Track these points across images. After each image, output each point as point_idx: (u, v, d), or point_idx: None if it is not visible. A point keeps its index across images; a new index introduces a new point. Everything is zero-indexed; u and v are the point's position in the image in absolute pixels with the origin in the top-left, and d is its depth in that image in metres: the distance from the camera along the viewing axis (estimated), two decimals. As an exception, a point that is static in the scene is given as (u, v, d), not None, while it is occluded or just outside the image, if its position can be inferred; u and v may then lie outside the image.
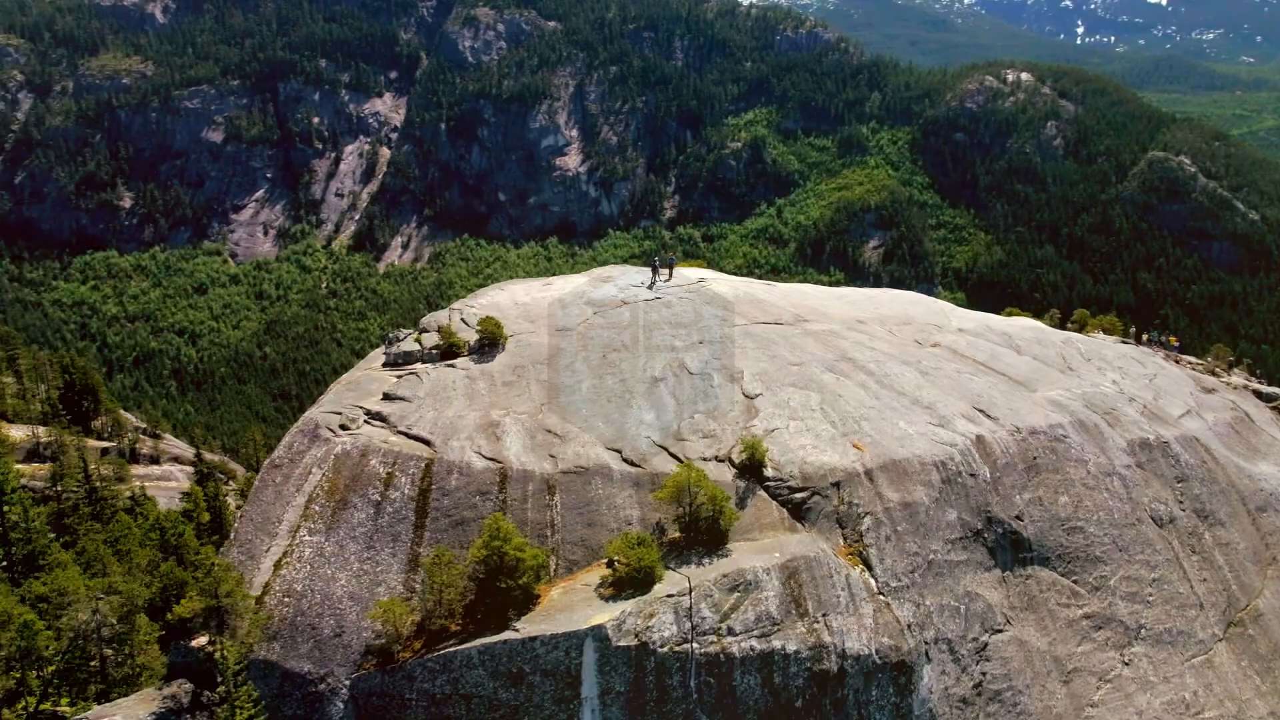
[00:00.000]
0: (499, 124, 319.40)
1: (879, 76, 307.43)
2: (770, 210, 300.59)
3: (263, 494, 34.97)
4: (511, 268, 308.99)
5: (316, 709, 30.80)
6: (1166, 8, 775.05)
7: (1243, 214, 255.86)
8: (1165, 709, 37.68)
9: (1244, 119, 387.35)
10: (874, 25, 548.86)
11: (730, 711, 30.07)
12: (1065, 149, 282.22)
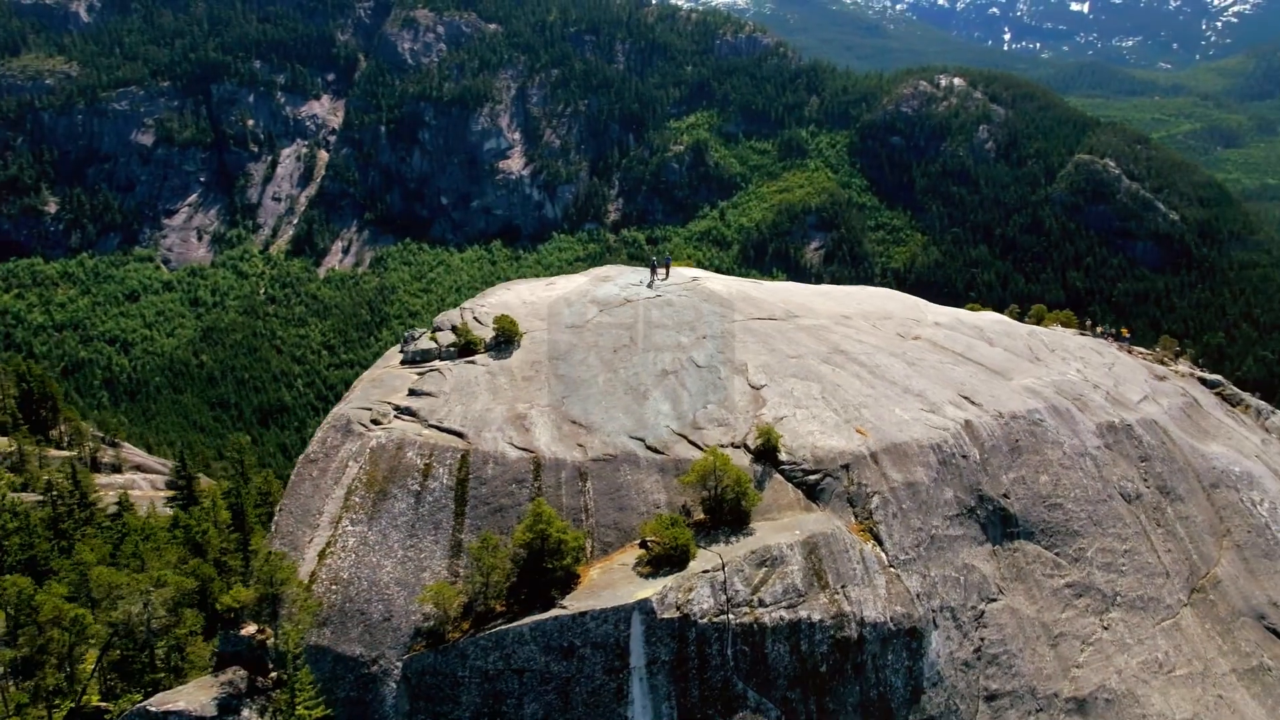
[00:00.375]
0: (440, 127, 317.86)
1: (817, 81, 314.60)
2: (713, 213, 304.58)
3: (300, 487, 36.28)
4: (455, 272, 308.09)
5: (370, 690, 32.34)
6: (1088, 16, 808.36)
7: (1164, 214, 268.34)
8: (1141, 668, 41.25)
9: (1163, 123, 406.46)
10: (809, 30, 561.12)
11: (763, 678, 32.53)
12: (997, 152, 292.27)
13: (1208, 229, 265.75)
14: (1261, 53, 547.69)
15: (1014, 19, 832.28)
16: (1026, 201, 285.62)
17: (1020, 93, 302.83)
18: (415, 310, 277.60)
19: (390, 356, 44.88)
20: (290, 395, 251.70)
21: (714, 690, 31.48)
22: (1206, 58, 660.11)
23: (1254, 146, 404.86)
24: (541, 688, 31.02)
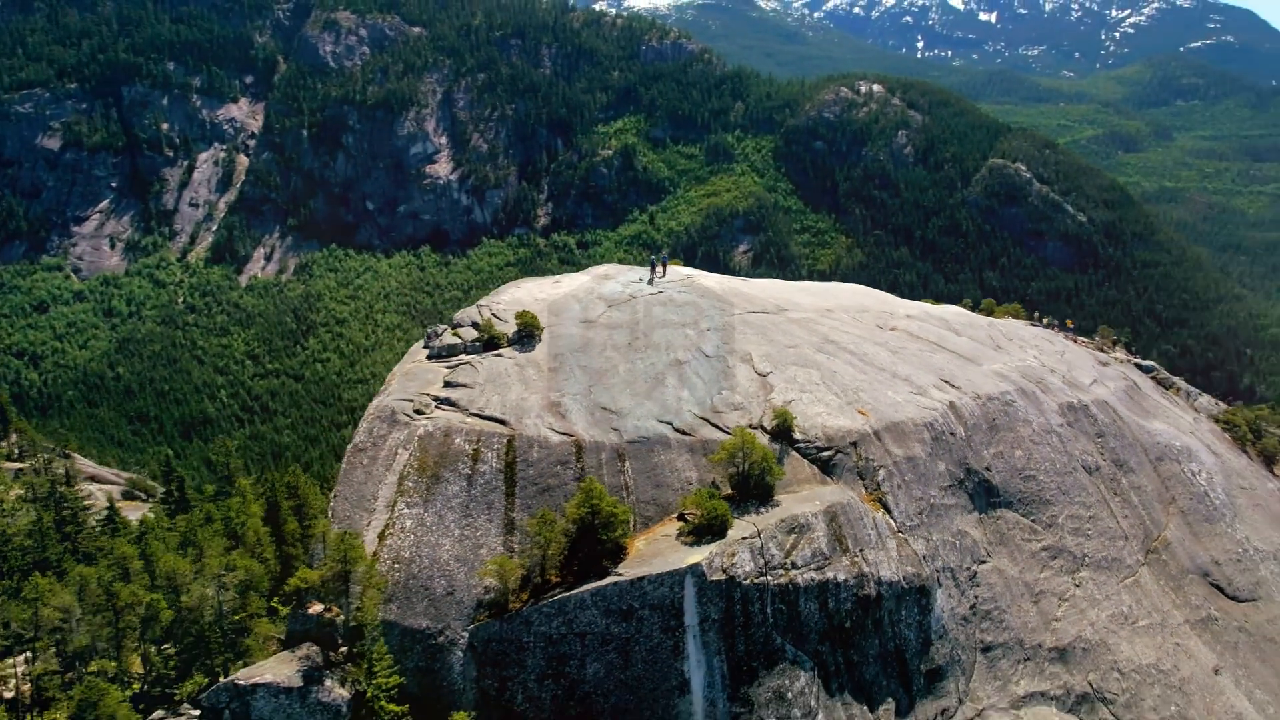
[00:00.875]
0: (365, 131, 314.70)
1: (742, 87, 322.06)
2: (643, 217, 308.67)
3: (352, 475, 38.40)
4: (383, 278, 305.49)
5: (438, 659, 34.79)
6: (996, 25, 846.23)
7: (1072, 216, 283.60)
8: (1110, 621, 46.29)
9: (1068, 129, 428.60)
10: (730, 36, 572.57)
11: (797, 633, 36.13)
12: (915, 156, 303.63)
13: (1112, 230, 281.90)
14: (1156, 63, 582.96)
15: (927, 27, 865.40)
16: (944, 204, 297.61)
17: (936, 99, 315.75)
18: (343, 318, 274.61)
19: (415, 352, 47.08)
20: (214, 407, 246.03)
21: (757, 645, 34.94)
22: (1106, 67, 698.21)
23: (1152, 151, 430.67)
24: (603, 649, 34.00)
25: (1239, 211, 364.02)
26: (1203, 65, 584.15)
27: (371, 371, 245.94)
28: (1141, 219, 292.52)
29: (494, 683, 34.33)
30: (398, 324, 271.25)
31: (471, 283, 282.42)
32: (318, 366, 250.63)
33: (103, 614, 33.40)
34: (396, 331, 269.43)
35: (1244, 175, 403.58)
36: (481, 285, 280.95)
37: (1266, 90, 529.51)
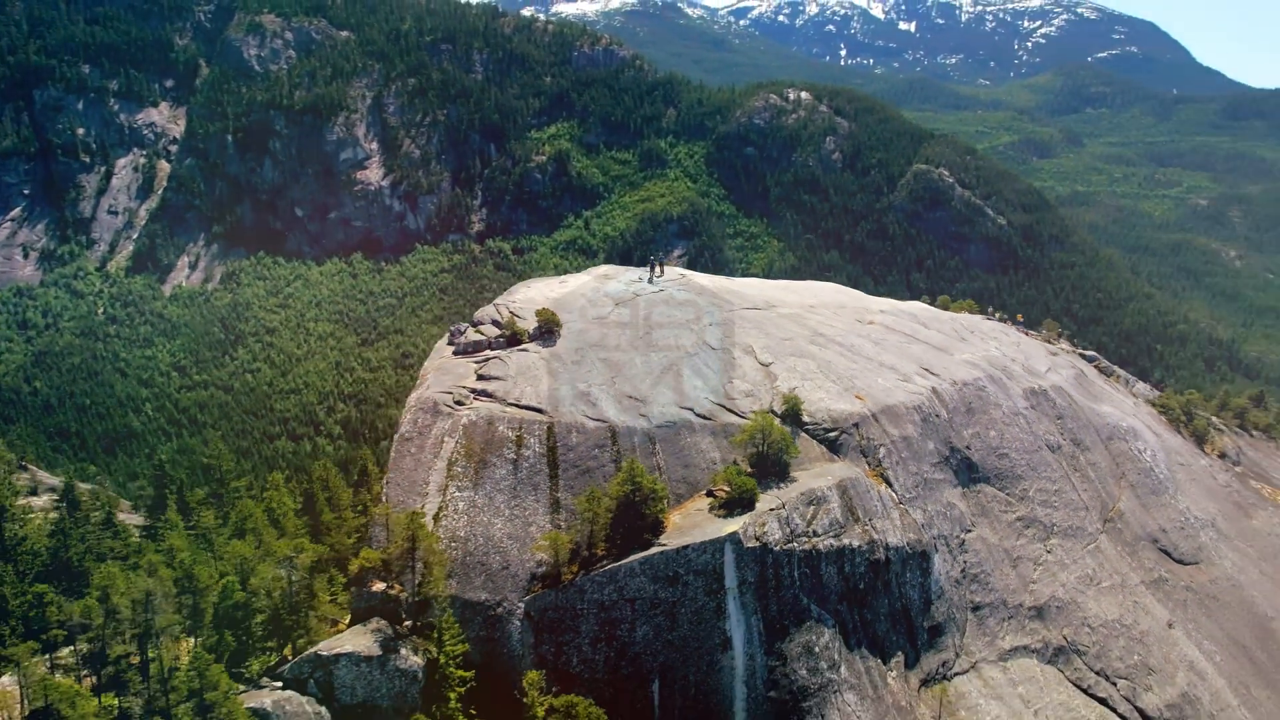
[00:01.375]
0: (292, 136, 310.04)
1: (673, 93, 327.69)
2: (578, 222, 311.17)
3: (402, 463, 41.16)
4: (314, 286, 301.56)
5: (497, 628, 37.90)
6: (915, 35, 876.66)
7: (993, 219, 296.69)
8: (1078, 582, 51.75)
9: (985, 135, 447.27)
10: (658, 43, 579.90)
11: (819, 594, 40.30)
12: (843, 162, 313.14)
13: (1030, 232, 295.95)
14: (1067, 71, 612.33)
15: (849, 36, 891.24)
16: (872, 208, 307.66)
17: (861, 106, 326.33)
18: (273, 327, 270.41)
19: (441, 349, 49.93)
20: (139, 421, 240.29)
21: (787, 605, 39.00)
22: (1020, 75, 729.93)
23: (1064, 157, 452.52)
24: (651, 612, 37.60)
25: (1146, 214, 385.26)
26: (1109, 74, 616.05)
27: (304, 381, 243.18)
28: (1057, 222, 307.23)
29: (551, 648, 37.63)
30: (330, 332, 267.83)
31: (405, 290, 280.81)
32: (248, 377, 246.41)
33: (184, 595, 35.44)
34: (329, 340, 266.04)
35: (1150, 180, 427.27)
36: (416, 292, 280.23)
37: (1169, 99, 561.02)
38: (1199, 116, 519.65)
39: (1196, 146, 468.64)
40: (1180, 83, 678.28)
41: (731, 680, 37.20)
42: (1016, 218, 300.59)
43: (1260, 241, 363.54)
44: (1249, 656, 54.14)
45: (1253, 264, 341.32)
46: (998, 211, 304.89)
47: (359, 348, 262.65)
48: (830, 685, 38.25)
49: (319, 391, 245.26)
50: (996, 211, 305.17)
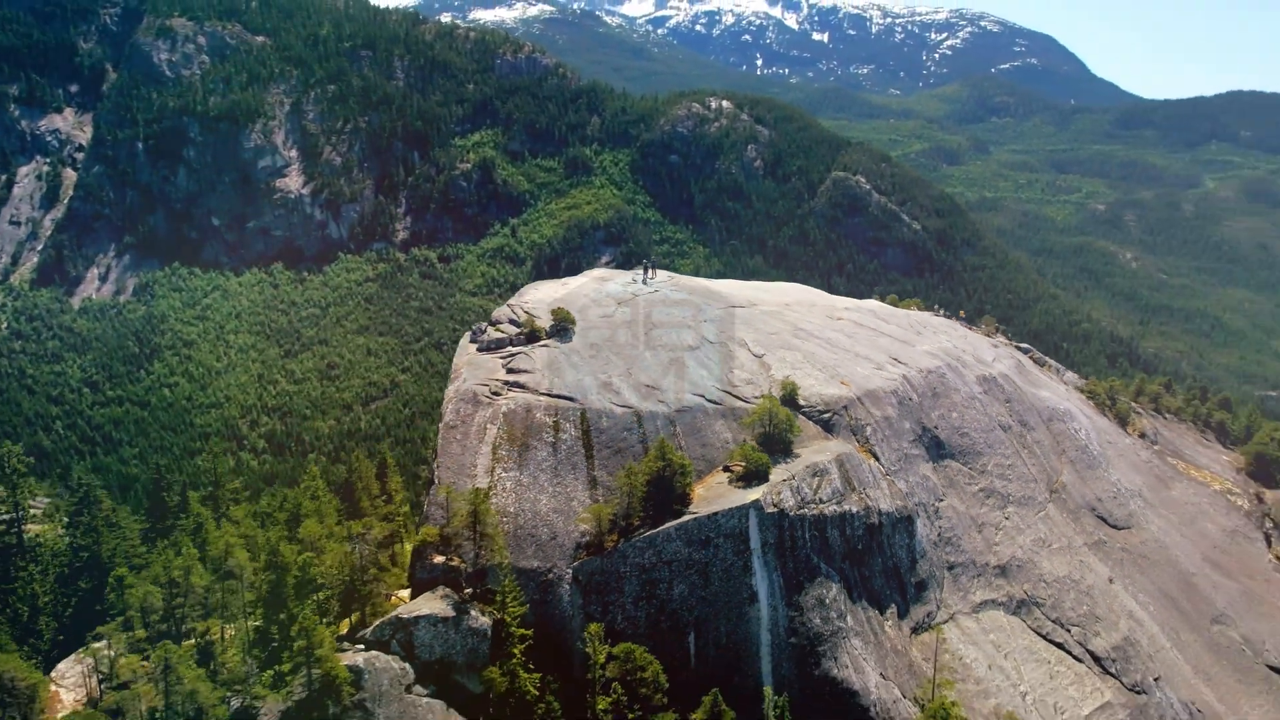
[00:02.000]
0: (207, 143, 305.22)
1: (597, 101, 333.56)
2: (505, 230, 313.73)
3: (449, 448, 45.69)
4: (233, 297, 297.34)
5: (549, 592, 42.81)
6: (829, 45, 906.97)
7: (908, 225, 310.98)
8: (1033, 544, 59.17)
9: (898, 143, 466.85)
10: (578, 51, 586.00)
11: (826, 554, 46.39)
12: (765, 169, 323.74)
13: (944, 237, 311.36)
14: (972, 82, 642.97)
15: (765, 46, 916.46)
16: (793, 215, 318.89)
17: (781, 115, 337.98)
18: (191, 340, 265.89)
19: (465, 347, 54.49)
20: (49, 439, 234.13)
21: (800, 563, 44.95)
22: (928, 85, 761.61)
23: (972, 164, 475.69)
24: (686, 572, 43.09)
25: (1049, 219, 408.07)
26: (1012, 85, 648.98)
27: (225, 395, 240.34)
28: (968, 227, 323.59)
29: (598, 607, 42.72)
30: (252, 344, 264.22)
31: (329, 300, 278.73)
32: (165, 392, 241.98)
33: (269, 572, 39.20)
34: (251, 352, 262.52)
35: (1051, 186, 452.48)
36: (340, 302, 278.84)
37: (1067, 109, 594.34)
38: (1095, 126, 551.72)
39: (1094, 154, 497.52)
40: (1077, 93, 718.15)
41: (758, 629, 42.90)
42: (930, 223, 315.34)
43: (1153, 244, 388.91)
44: (1176, 606, 62.43)
45: (1147, 265, 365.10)
46: (913, 217, 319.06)
47: (282, 359, 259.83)
48: (840, 632, 44.31)
49: (241, 405, 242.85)
50: (911, 217, 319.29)
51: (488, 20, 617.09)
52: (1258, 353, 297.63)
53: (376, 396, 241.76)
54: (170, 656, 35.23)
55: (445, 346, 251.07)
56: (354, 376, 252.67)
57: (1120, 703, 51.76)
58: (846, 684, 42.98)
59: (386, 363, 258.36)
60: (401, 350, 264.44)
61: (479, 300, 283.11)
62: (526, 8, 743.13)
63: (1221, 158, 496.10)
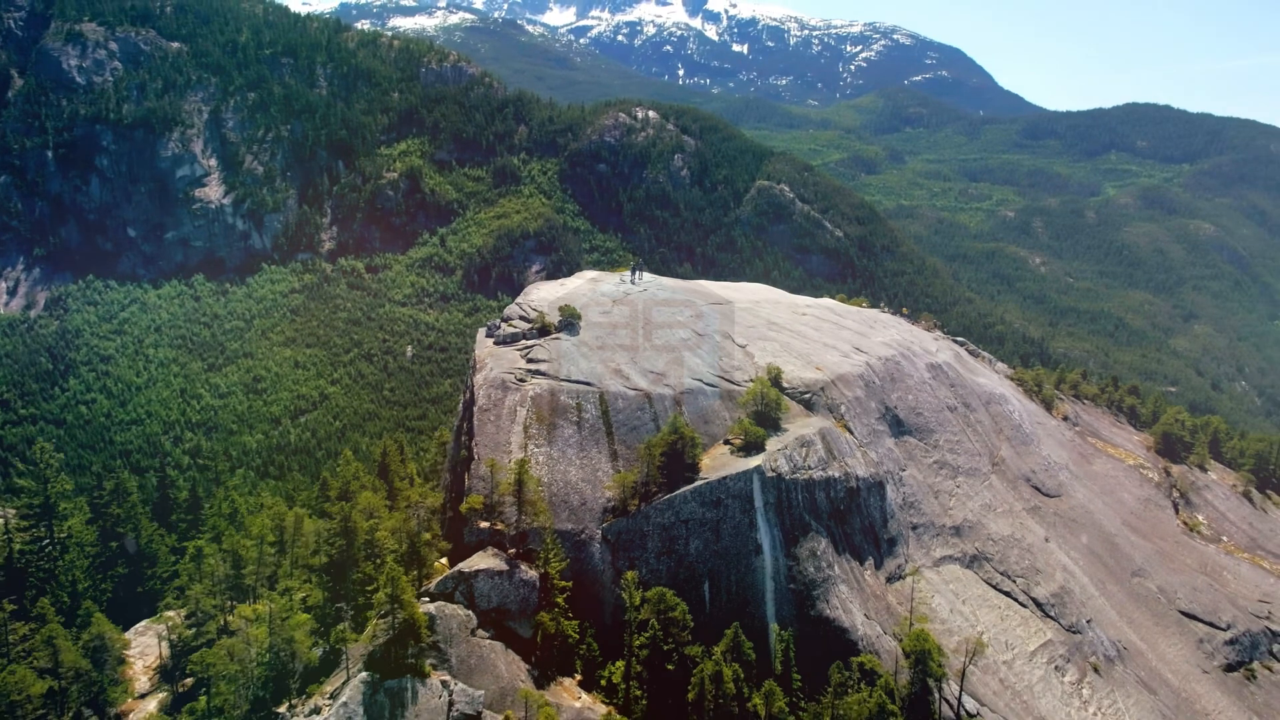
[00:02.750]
0: (122, 152, 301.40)
1: (524, 111, 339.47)
2: (434, 239, 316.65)
3: (485, 428, 52.15)
4: (152, 310, 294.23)
5: (582, 550, 49.65)
6: (748, 56, 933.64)
7: (831, 232, 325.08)
8: (981, 509, 68.31)
9: (818, 153, 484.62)
10: (500, 60, 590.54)
11: (815, 513, 54.32)
12: (691, 179, 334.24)
13: (865, 244, 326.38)
14: (887, 94, 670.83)
15: (686, 56, 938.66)
16: (720, 223, 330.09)
17: (706, 125, 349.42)
18: (108, 355, 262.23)
19: (482, 341, 60.97)
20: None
21: (795, 521, 52.78)
22: (845, 96, 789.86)
23: (889, 173, 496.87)
24: (700, 529, 50.46)
25: (962, 225, 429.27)
26: (924, 97, 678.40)
27: (146, 411, 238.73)
28: (888, 234, 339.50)
29: (625, 562, 49.77)
30: (173, 358, 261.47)
31: (254, 312, 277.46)
32: (82, 409, 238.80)
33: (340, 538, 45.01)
34: (172, 367, 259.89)
35: (964, 194, 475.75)
36: (265, 314, 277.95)
37: (977, 120, 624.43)
38: (1003, 136, 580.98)
39: (1003, 163, 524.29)
40: (986, 105, 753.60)
41: (763, 578, 50.45)
42: (852, 230, 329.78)
43: (1060, 249, 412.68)
44: (1101, 562, 72.39)
45: (1055, 269, 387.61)
46: (835, 224, 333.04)
47: (206, 373, 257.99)
48: (830, 579, 52.20)
49: (163, 421, 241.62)
50: (834, 224, 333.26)
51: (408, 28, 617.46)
52: (1158, 351, 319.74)
53: (305, 409, 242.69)
54: (274, 606, 40.90)
55: (375, 358, 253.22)
56: (281, 389, 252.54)
57: (1060, 640, 60.99)
58: (837, 622, 50.91)
59: (315, 375, 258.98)
60: (330, 362, 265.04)
61: (409, 310, 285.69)
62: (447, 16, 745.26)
63: (1120, 167, 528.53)
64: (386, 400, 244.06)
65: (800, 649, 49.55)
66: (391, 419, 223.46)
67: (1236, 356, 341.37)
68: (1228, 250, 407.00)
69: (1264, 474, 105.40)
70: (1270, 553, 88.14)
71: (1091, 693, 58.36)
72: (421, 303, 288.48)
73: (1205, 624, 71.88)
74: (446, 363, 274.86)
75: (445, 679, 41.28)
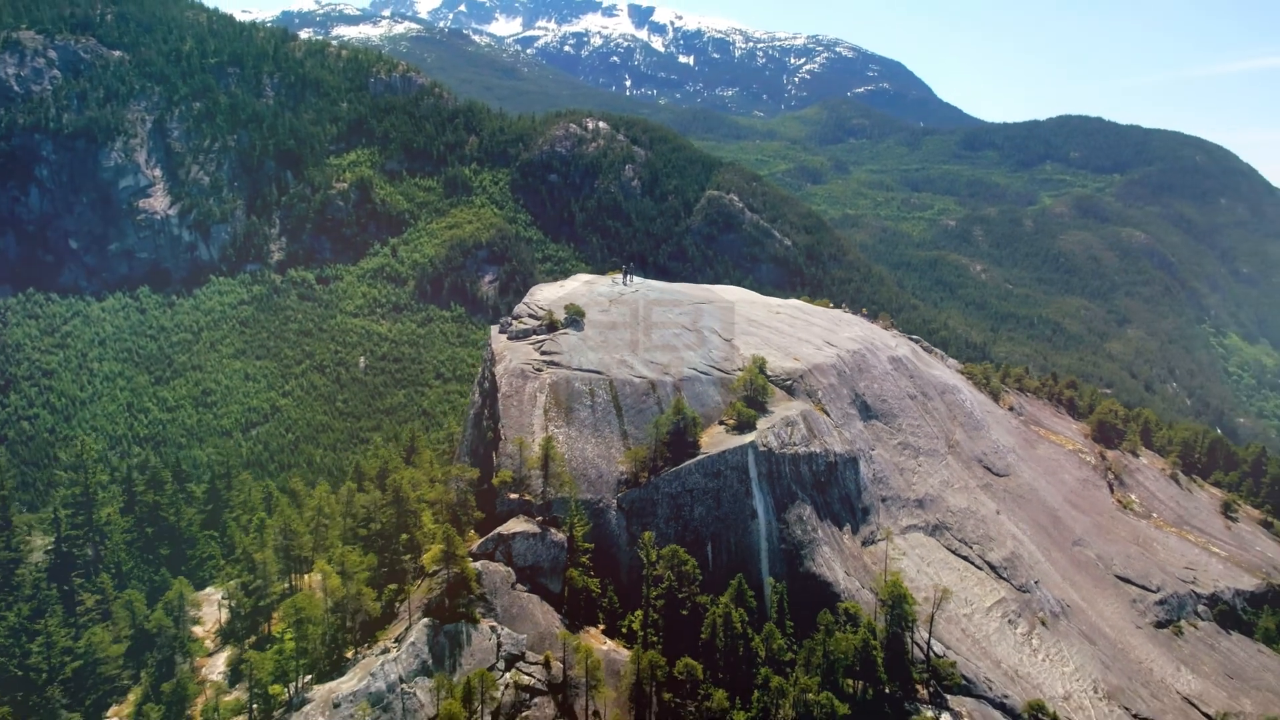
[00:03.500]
0: (62, 162, 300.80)
1: (474, 121, 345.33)
2: (385, 250, 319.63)
3: (510, 412, 59.59)
4: (96, 323, 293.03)
5: (600, 517, 57.31)
6: (694, 68, 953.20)
7: (779, 240, 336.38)
8: (940, 484, 77.45)
9: (765, 163, 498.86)
10: (448, 70, 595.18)
11: (800, 483, 62.70)
12: (642, 188, 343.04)
13: (812, 252, 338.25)
14: (830, 105, 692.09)
15: (633, 68, 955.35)
16: (671, 232, 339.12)
17: (656, 135, 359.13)
18: (51, 369, 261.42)
19: (495, 336, 68.37)
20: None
21: (784, 489, 61.06)
22: (790, 108, 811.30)
23: (834, 183, 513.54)
24: (703, 497, 58.49)
25: (906, 234, 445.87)
26: (867, 108, 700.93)
27: (92, 425, 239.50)
28: (834, 242, 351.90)
29: (638, 527, 57.53)
30: (119, 371, 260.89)
31: (202, 324, 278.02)
32: (24, 425, 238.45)
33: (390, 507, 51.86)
34: (119, 380, 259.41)
35: (906, 204, 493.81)
36: (214, 326, 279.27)
37: (918, 131, 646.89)
38: (943, 147, 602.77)
39: (943, 173, 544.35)
40: (926, 116, 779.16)
41: (758, 539, 58.52)
42: (800, 239, 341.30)
43: (999, 256, 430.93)
44: (1046, 532, 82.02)
45: (995, 276, 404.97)
46: (783, 233, 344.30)
47: (153, 386, 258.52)
48: (815, 541, 60.53)
49: (110, 435, 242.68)
50: (782, 234, 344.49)
51: (352, 37, 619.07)
52: (1094, 354, 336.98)
53: (257, 422, 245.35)
54: (346, 563, 47.65)
55: (328, 369, 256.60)
56: (232, 402, 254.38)
57: (1011, 598, 70.16)
58: (822, 577, 59.21)
59: (266, 387, 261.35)
60: (281, 374, 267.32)
61: (361, 321, 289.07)
62: (393, 25, 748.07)
63: (1055, 177, 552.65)
64: (339, 412, 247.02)
65: (791, 600, 57.63)
66: (345, 431, 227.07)
67: (1167, 359, 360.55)
68: (1157, 257, 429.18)
69: (1190, 460, 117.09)
70: (1195, 528, 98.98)
71: (1040, 642, 67.50)
72: (374, 313, 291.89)
73: (1138, 587, 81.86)
74: (400, 373, 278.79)
75: (493, 625, 48.50)
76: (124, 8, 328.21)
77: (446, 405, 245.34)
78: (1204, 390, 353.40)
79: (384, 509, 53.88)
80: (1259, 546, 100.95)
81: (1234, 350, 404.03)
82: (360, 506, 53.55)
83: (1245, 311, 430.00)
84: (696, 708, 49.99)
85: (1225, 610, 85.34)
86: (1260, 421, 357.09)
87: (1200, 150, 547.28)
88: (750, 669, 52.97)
